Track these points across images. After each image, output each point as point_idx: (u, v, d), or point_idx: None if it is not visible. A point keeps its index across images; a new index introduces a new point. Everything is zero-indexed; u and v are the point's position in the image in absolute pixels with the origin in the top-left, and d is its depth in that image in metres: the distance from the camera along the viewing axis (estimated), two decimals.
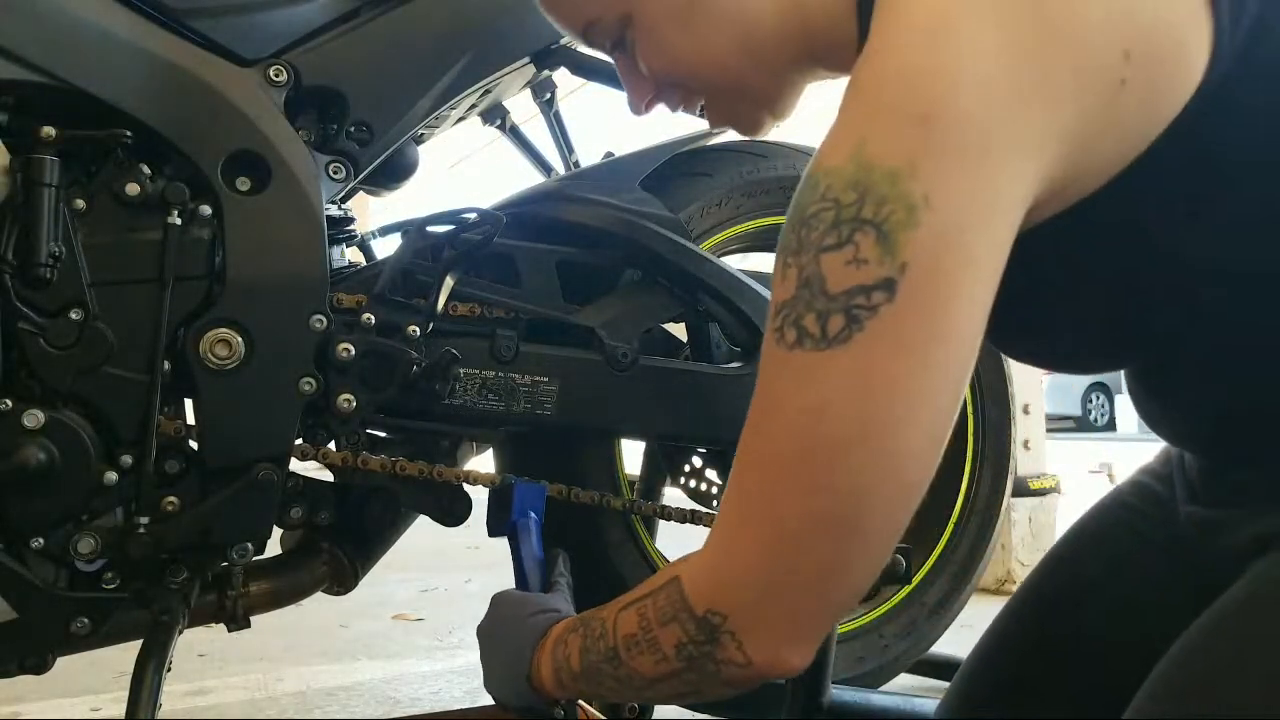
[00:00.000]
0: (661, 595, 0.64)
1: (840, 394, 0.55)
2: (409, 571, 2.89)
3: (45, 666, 1.00)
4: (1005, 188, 0.55)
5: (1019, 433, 1.67)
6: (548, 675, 0.76)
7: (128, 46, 0.96)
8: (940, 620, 1.48)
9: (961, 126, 0.53)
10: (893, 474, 0.56)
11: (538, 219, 1.15)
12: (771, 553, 0.58)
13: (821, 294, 0.55)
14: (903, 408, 0.55)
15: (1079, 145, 0.57)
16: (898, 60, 0.56)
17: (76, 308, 0.93)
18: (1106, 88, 0.56)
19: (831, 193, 0.55)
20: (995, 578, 2.68)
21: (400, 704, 1.74)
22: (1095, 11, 0.56)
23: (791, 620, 0.60)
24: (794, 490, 0.57)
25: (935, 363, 0.55)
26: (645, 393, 1.12)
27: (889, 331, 0.54)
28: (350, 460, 1.04)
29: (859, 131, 0.56)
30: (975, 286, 0.55)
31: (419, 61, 1.09)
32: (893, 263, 0.53)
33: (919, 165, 0.53)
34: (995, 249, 0.56)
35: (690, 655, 0.62)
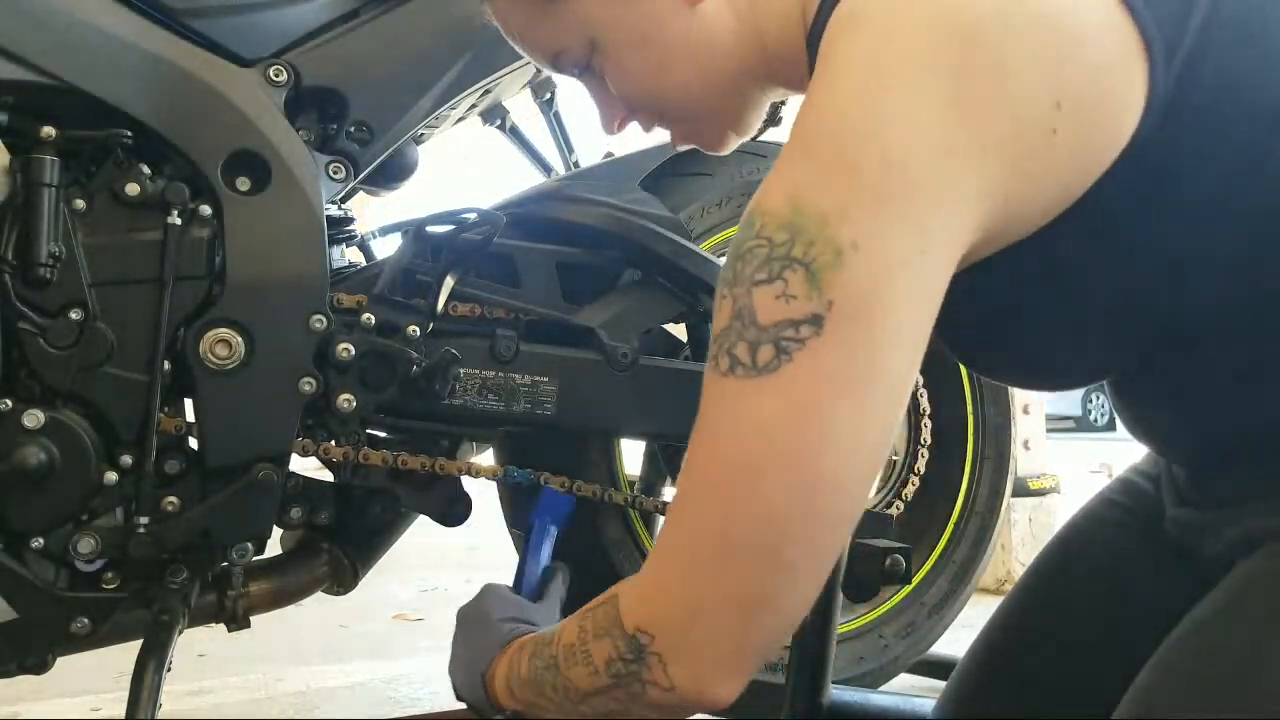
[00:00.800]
0: (600, 610, 0.66)
1: (764, 421, 0.57)
2: (409, 571, 2.89)
3: (45, 666, 1.00)
4: (934, 235, 0.57)
5: (1019, 433, 1.68)
6: (500, 682, 0.77)
7: (128, 46, 0.96)
8: (940, 620, 1.48)
9: (890, 177, 0.56)
10: (810, 503, 0.57)
11: (538, 219, 1.15)
12: (693, 576, 0.59)
13: (753, 324, 0.57)
14: (824, 438, 0.56)
15: (1011, 194, 0.59)
16: (834, 111, 0.58)
17: (76, 308, 0.93)
18: (1038, 138, 0.58)
19: (765, 231, 0.58)
20: (995, 578, 2.68)
21: (400, 704, 1.74)
22: (1025, 65, 0.57)
23: (714, 648, 0.59)
24: (714, 514, 0.59)
25: (860, 397, 0.56)
26: (645, 393, 1.12)
27: (816, 363, 0.56)
28: (351, 456, 1.04)
29: (795, 177, 0.58)
30: (903, 326, 0.57)
31: (419, 61, 1.09)
32: (820, 299, 0.55)
33: (848, 212, 0.56)
34: (925, 291, 0.58)
35: (619, 673, 0.63)
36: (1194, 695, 0.60)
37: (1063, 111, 0.58)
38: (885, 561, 0.97)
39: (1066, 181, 0.61)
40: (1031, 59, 0.57)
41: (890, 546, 0.98)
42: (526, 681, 0.72)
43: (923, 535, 1.50)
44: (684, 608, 0.60)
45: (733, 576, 0.58)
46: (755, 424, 0.57)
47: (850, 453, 0.57)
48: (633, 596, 0.64)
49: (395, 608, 2.49)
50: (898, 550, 0.98)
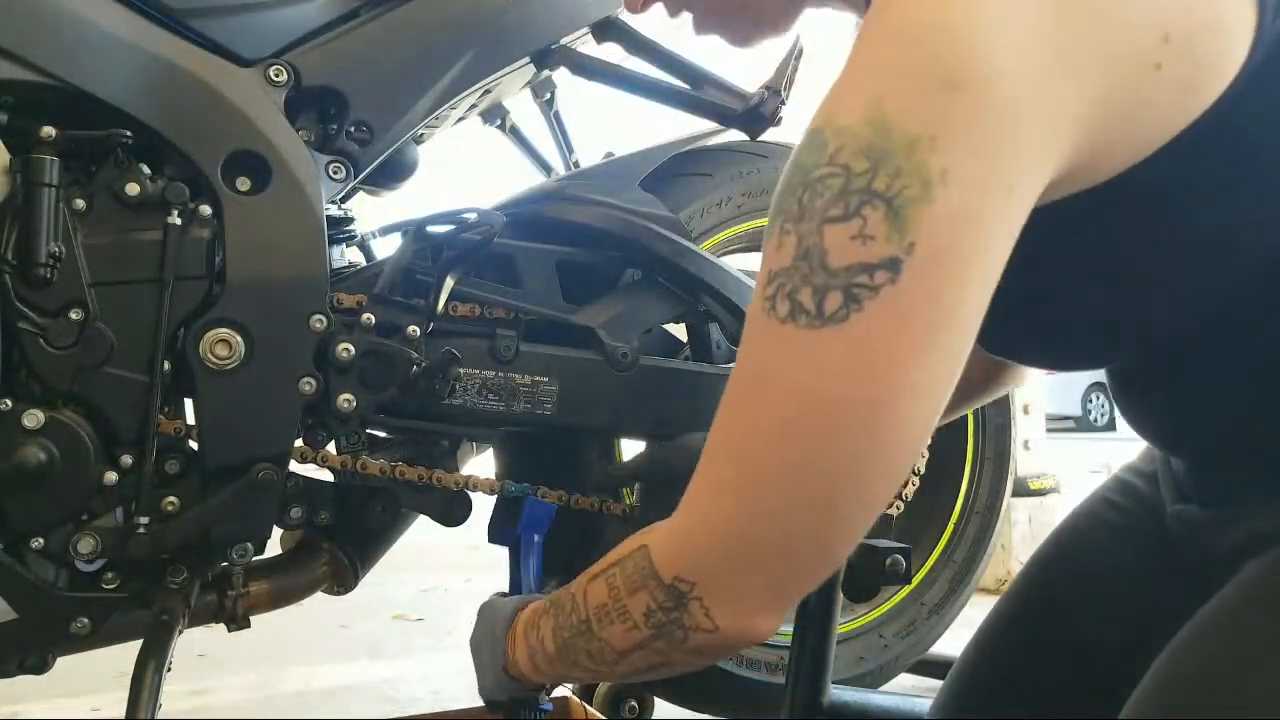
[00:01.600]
0: (629, 563, 0.63)
1: (830, 376, 0.52)
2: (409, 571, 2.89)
3: (45, 666, 1.00)
4: (1026, 167, 0.52)
5: (1019, 433, 1.67)
6: (524, 660, 0.74)
7: (128, 46, 0.96)
8: (940, 620, 1.48)
9: (990, 100, 0.49)
10: (878, 459, 0.54)
11: (538, 219, 1.15)
12: (747, 527, 0.57)
13: (821, 268, 0.52)
14: (895, 394, 0.52)
15: (1104, 126, 0.54)
16: (927, 13, 0.51)
17: (76, 308, 0.93)
18: (1141, 70, 0.53)
19: (841, 157, 0.51)
20: (995, 578, 2.68)
21: (400, 704, 1.74)
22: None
23: (764, 590, 0.58)
24: (776, 468, 0.55)
25: (933, 350, 0.52)
26: (645, 393, 1.12)
27: (888, 315, 0.51)
28: (350, 465, 1.04)
29: (877, 88, 0.51)
30: (983, 270, 0.52)
31: (419, 61, 1.09)
32: (900, 241, 0.50)
33: (940, 137, 0.49)
34: (1008, 231, 0.53)
35: (659, 622, 0.61)
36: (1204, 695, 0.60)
37: (1170, 46, 0.53)
38: (885, 561, 0.97)
39: (1157, 125, 0.56)
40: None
41: (890, 546, 0.98)
42: (555, 655, 0.70)
43: (923, 535, 1.50)
44: (733, 555, 0.57)
45: (784, 527, 0.56)
46: (817, 380, 0.52)
47: (916, 406, 0.53)
48: (666, 545, 0.61)
49: (395, 608, 2.49)
50: (898, 550, 0.98)
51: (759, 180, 1.34)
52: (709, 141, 1.34)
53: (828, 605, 1.03)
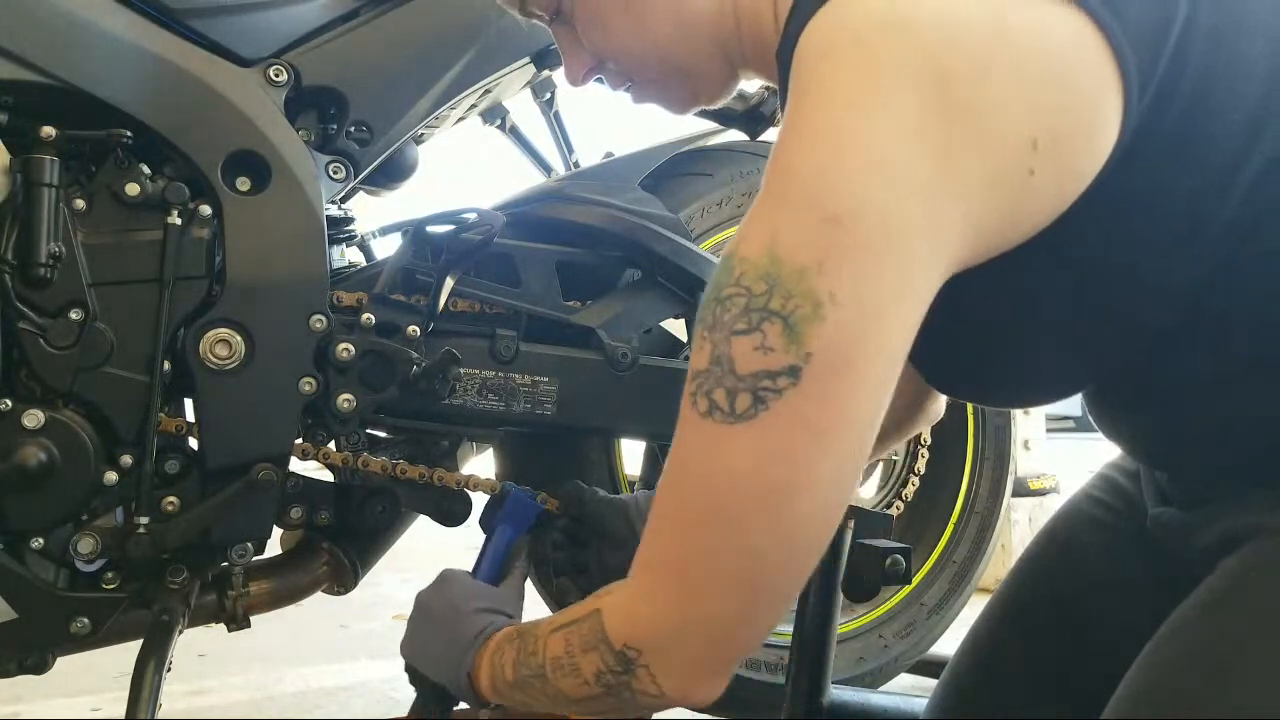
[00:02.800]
0: (585, 625, 0.68)
1: (743, 467, 0.58)
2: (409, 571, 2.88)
3: (45, 666, 1.00)
4: (911, 281, 0.57)
5: (1019, 433, 1.68)
6: (484, 680, 0.79)
7: (128, 46, 0.96)
8: (940, 620, 1.48)
9: (868, 227, 0.55)
10: (788, 539, 0.59)
11: (538, 219, 1.15)
12: (680, 603, 0.62)
13: (731, 373, 0.58)
14: (801, 481, 0.58)
15: (986, 233, 0.59)
16: (810, 157, 0.57)
17: (76, 308, 0.93)
18: (1015, 178, 0.58)
19: (745, 280, 0.58)
20: (995, 578, 2.67)
21: (400, 704, 1.74)
22: (1002, 105, 0.56)
23: (699, 661, 0.63)
24: (700, 550, 0.61)
25: (835, 441, 0.58)
26: (645, 393, 1.12)
27: (792, 413, 0.57)
28: (350, 462, 1.04)
29: (773, 224, 0.58)
30: (878, 374, 0.58)
31: (419, 61, 1.09)
32: (798, 352, 0.56)
33: (826, 264, 0.56)
34: (900, 337, 0.58)
35: (609, 683, 0.66)
36: (1180, 694, 0.60)
37: (1039, 150, 0.57)
38: (885, 562, 0.97)
39: (1041, 214, 0.61)
40: (1008, 101, 0.57)
41: (890, 547, 0.98)
42: (514, 684, 0.75)
43: (923, 535, 1.50)
44: (669, 627, 0.63)
45: (715, 603, 0.61)
46: (732, 469, 0.59)
47: (824, 495, 0.59)
48: (618, 614, 0.66)
49: (395, 608, 2.48)
50: (898, 550, 0.98)
51: (759, 180, 1.33)
52: (709, 141, 1.34)
53: (828, 605, 1.03)
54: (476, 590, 0.89)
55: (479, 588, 0.90)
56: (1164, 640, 0.64)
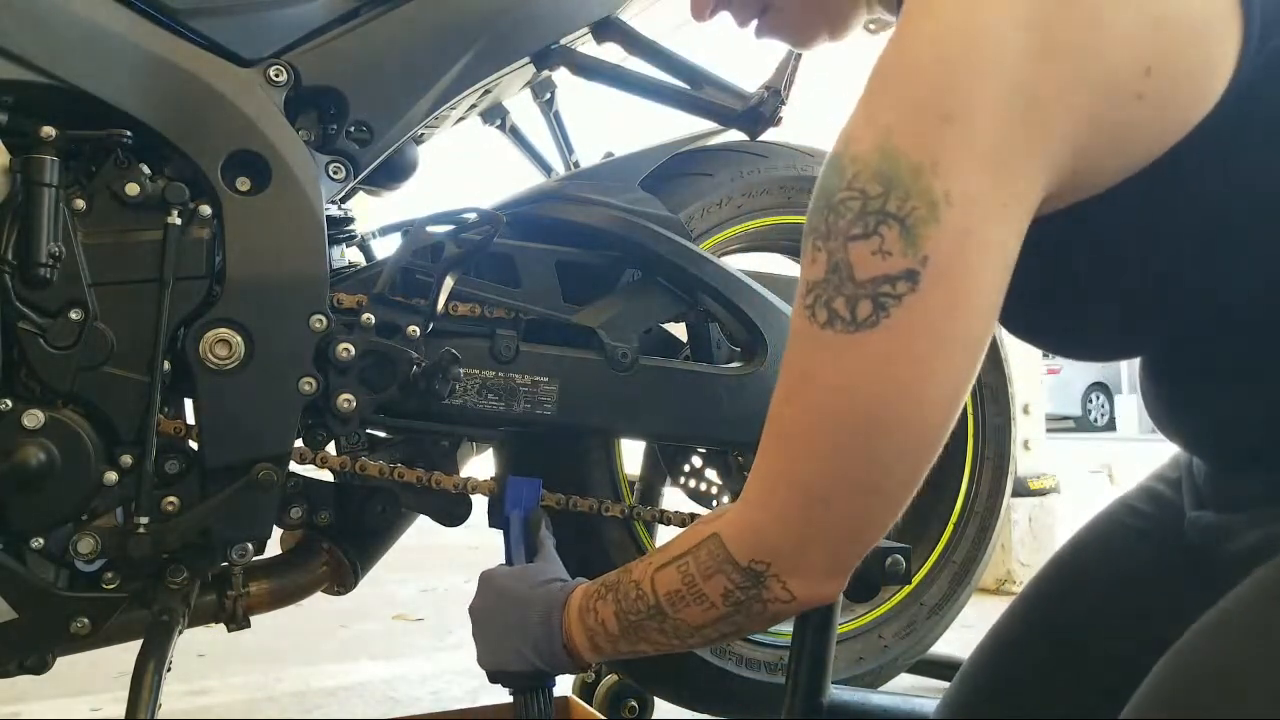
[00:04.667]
0: (702, 551, 0.70)
1: (868, 375, 0.60)
2: (409, 571, 2.89)
3: (45, 666, 1.00)
4: (1019, 187, 0.58)
5: (1019, 433, 1.68)
6: (581, 642, 0.80)
7: (128, 46, 0.96)
8: (940, 620, 1.48)
9: (983, 130, 0.56)
10: (912, 444, 0.62)
11: (538, 219, 1.15)
12: (805, 511, 0.65)
13: (850, 280, 0.59)
14: (924, 387, 0.60)
15: (1091, 148, 0.59)
16: (927, 52, 0.58)
17: (76, 308, 0.93)
18: (1123, 101, 0.58)
19: (859, 182, 0.58)
20: (995, 578, 2.68)
21: (400, 704, 1.74)
22: (1122, 23, 0.57)
23: (827, 561, 0.67)
24: (824, 459, 0.63)
25: (955, 346, 0.59)
26: (645, 393, 1.12)
27: (913, 319, 0.58)
28: (349, 465, 1.04)
29: (886, 120, 0.58)
30: (991, 275, 0.59)
31: (419, 61, 1.09)
32: (915, 255, 0.57)
33: (941, 163, 0.56)
34: (1010, 241, 0.59)
35: (738, 600, 0.69)
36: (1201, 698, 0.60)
37: (1152, 77, 0.58)
38: (885, 561, 0.97)
39: (1144, 146, 0.61)
40: (1128, 20, 0.57)
41: (890, 546, 0.98)
42: (620, 634, 0.77)
43: (923, 535, 1.50)
44: (797, 536, 0.66)
45: (842, 509, 0.64)
46: (859, 377, 0.60)
47: (947, 398, 0.61)
48: (739, 532, 0.69)
49: (395, 608, 2.49)
50: (898, 550, 0.98)
51: (759, 180, 1.34)
52: (709, 141, 1.34)
53: (828, 605, 1.03)
54: (522, 572, 0.91)
55: (523, 570, 0.92)
56: (1189, 644, 0.64)
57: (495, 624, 0.86)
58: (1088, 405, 11.59)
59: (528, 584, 0.87)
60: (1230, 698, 0.59)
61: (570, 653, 0.81)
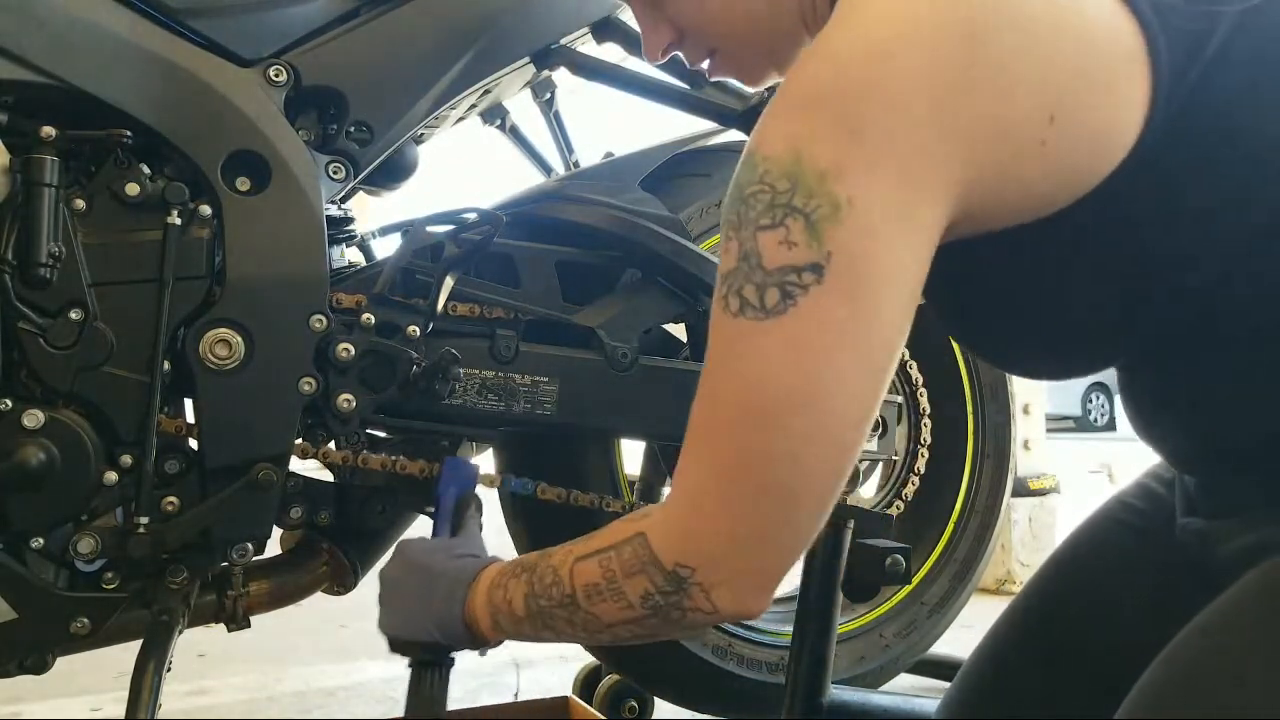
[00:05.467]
0: (627, 549, 0.69)
1: (778, 363, 0.60)
2: None
3: (45, 666, 1.00)
4: (920, 211, 0.60)
5: (1019, 433, 1.68)
6: (483, 619, 0.79)
7: (128, 46, 0.96)
8: (940, 620, 1.48)
9: (886, 147, 0.59)
10: (823, 438, 0.61)
11: (538, 219, 1.15)
12: (730, 511, 0.64)
13: (759, 268, 0.60)
14: (832, 380, 0.60)
15: (992, 188, 0.62)
16: (842, 68, 0.60)
17: (76, 308, 0.93)
18: (1026, 146, 0.61)
19: (769, 178, 0.61)
20: (995, 578, 2.68)
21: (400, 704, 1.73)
22: (1028, 71, 0.59)
23: (752, 571, 0.65)
24: (740, 454, 0.63)
25: (861, 342, 0.60)
26: (645, 393, 1.12)
27: (818, 309, 0.59)
28: (350, 460, 1.04)
29: (797, 128, 0.61)
30: (895, 279, 0.61)
31: (419, 61, 1.09)
32: (819, 250, 0.59)
33: (845, 171, 0.59)
34: (912, 253, 0.61)
35: (657, 604, 0.67)
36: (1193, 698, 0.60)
37: (1055, 125, 0.60)
38: (885, 562, 0.97)
39: (1053, 189, 0.63)
40: (1034, 71, 0.59)
41: (890, 547, 0.98)
42: (525, 618, 0.75)
43: (923, 535, 1.50)
44: (721, 541, 0.64)
45: (762, 510, 0.63)
46: (768, 366, 0.61)
47: (854, 391, 0.61)
48: (665, 533, 0.67)
49: None
50: (898, 550, 0.98)
51: None
52: (709, 141, 1.34)
53: (828, 605, 1.03)
54: (439, 544, 0.90)
55: (441, 541, 0.91)
56: (1179, 648, 0.64)
57: (401, 591, 0.86)
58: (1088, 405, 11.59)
59: (442, 555, 0.86)
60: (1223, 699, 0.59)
61: (470, 629, 0.80)
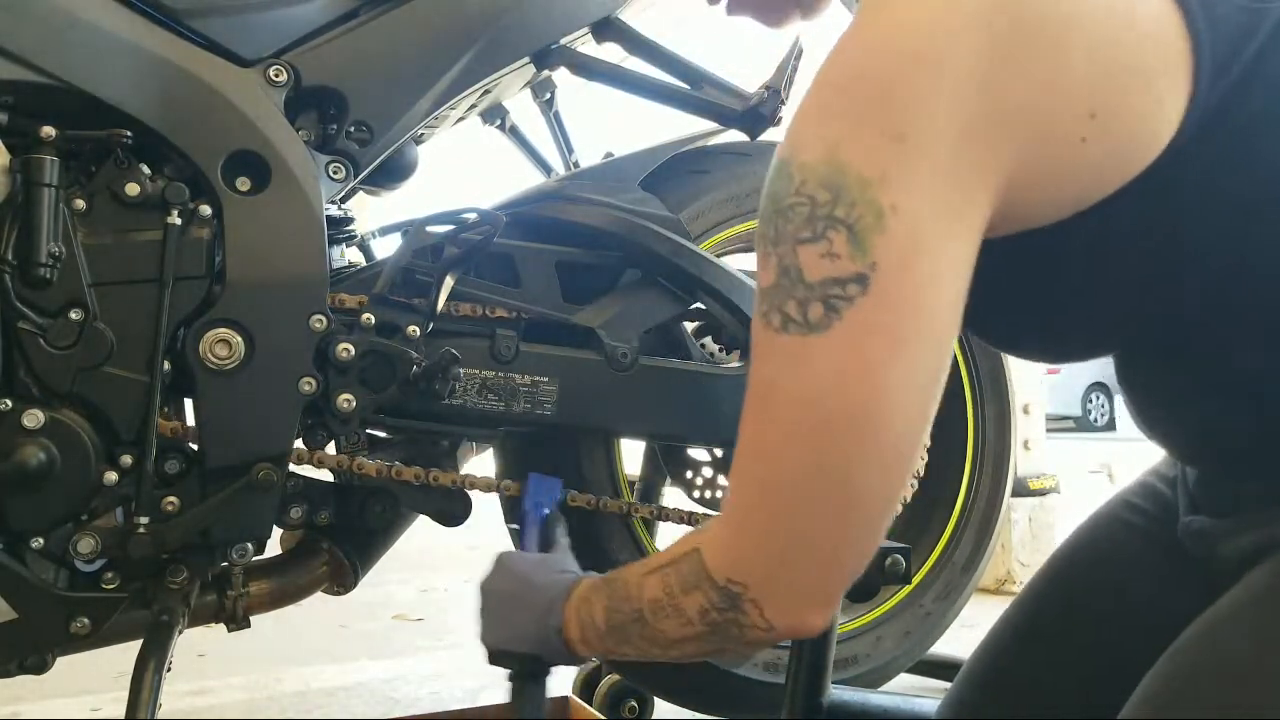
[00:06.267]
0: (684, 564, 0.68)
1: (826, 376, 0.59)
2: (409, 571, 2.89)
3: (45, 666, 1.00)
4: (964, 210, 0.59)
5: (1019, 433, 1.68)
6: (574, 632, 0.79)
7: (128, 46, 0.96)
8: (940, 620, 1.48)
9: (932, 152, 0.57)
10: (876, 451, 0.60)
11: (538, 219, 1.15)
12: (781, 528, 0.62)
13: (800, 282, 0.59)
14: (883, 391, 0.59)
15: (1032, 182, 0.60)
16: (884, 64, 0.58)
17: (76, 308, 0.93)
18: (1066, 142, 0.59)
19: (806, 189, 0.58)
20: (995, 578, 2.68)
21: (400, 704, 1.75)
22: (1072, 67, 0.58)
23: (807, 588, 0.64)
24: (790, 470, 0.61)
25: (910, 350, 0.59)
26: (645, 393, 1.12)
27: (866, 320, 0.58)
28: (349, 465, 1.04)
29: (835, 131, 0.58)
30: (942, 286, 0.59)
31: (419, 61, 1.09)
32: (864, 260, 0.57)
33: (889, 178, 0.57)
34: (958, 254, 0.60)
35: (714, 621, 0.66)
36: (1196, 699, 0.60)
37: (1096, 122, 0.59)
38: (885, 562, 0.97)
39: (1090, 184, 0.61)
40: (1078, 64, 0.58)
41: (890, 547, 0.98)
42: (606, 632, 0.75)
43: (923, 535, 1.50)
44: (772, 558, 0.63)
45: (814, 526, 0.61)
46: (816, 381, 0.59)
47: (907, 404, 0.59)
48: (718, 549, 0.66)
49: (395, 608, 2.49)
50: (898, 550, 0.98)
51: (759, 180, 1.33)
52: (709, 141, 1.33)
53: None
54: (539, 558, 0.90)
55: (540, 557, 0.91)
56: (1184, 646, 0.64)
57: (502, 602, 0.86)
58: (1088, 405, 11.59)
59: (542, 570, 0.87)
60: (1229, 698, 0.59)
61: (565, 643, 0.80)
